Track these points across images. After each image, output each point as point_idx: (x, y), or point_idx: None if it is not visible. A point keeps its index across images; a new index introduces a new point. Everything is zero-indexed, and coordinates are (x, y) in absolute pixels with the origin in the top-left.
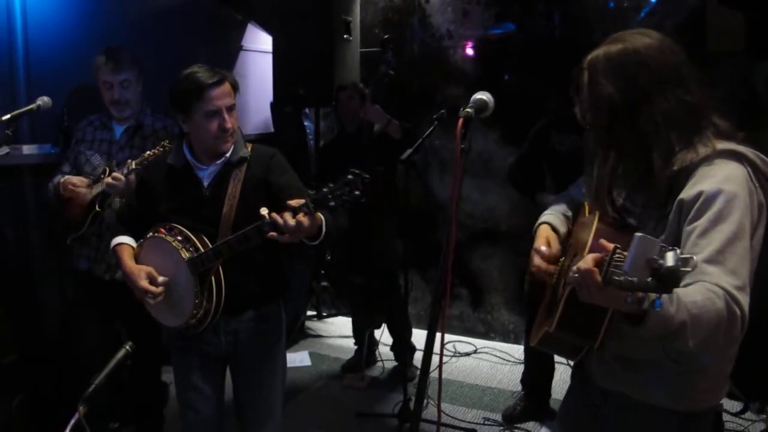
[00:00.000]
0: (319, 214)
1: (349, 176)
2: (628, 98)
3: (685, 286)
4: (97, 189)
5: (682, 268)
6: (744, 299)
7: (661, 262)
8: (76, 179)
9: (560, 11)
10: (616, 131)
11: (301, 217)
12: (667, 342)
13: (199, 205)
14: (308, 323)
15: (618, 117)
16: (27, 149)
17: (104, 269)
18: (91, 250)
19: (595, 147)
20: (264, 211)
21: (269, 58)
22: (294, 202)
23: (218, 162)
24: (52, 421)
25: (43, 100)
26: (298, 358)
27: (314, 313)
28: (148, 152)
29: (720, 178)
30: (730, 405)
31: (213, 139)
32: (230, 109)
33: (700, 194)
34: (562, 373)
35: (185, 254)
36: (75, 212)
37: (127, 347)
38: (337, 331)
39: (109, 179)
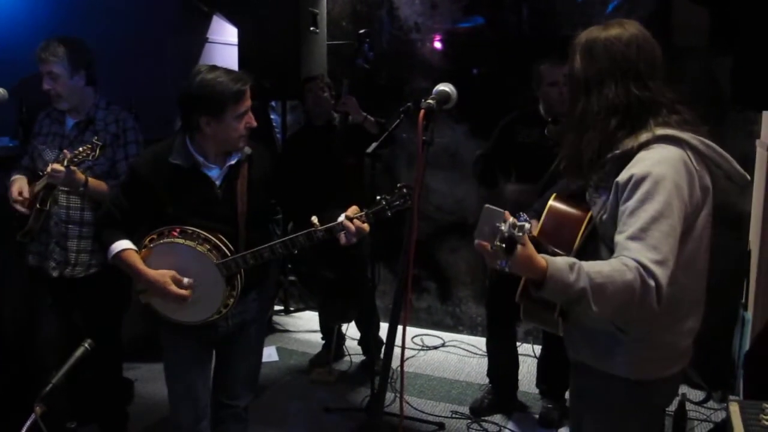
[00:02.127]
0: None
1: (404, 189)
2: (588, 77)
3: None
4: (42, 184)
5: (516, 233)
6: (662, 273)
7: (501, 228)
8: (16, 190)
9: (528, 5)
10: (573, 107)
11: (360, 224)
12: (572, 305)
13: (213, 204)
14: (276, 318)
15: (578, 93)
16: None
17: (52, 266)
18: (40, 245)
19: (567, 122)
20: (315, 219)
21: (235, 51)
22: (351, 212)
23: (231, 162)
24: (9, 421)
25: (0, 92)
26: (266, 353)
27: (282, 307)
28: (80, 149)
29: (651, 161)
30: (694, 394)
31: (239, 139)
32: (250, 107)
33: (631, 177)
34: (529, 366)
35: (212, 257)
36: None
37: (86, 345)
38: (305, 325)
39: (50, 168)
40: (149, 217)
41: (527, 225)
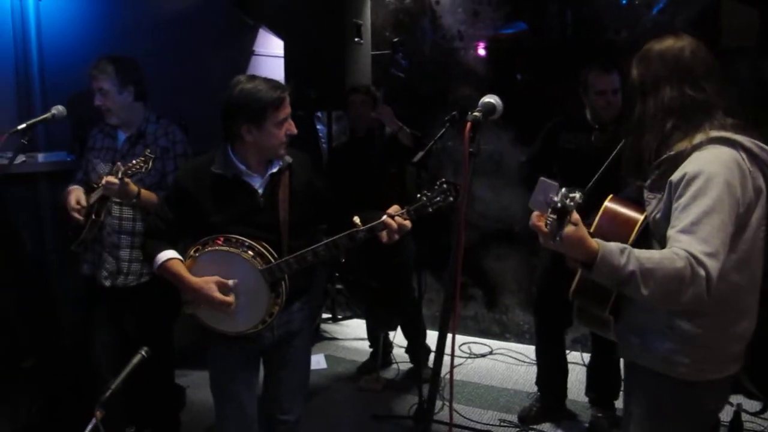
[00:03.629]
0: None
1: (444, 185)
2: (644, 82)
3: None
4: (96, 195)
5: (567, 202)
6: (712, 264)
7: (553, 198)
8: (74, 199)
9: (572, 10)
10: (632, 111)
11: (402, 221)
12: (622, 289)
13: (255, 213)
14: (323, 326)
15: (636, 97)
16: (42, 157)
17: (105, 276)
18: (94, 255)
19: (626, 126)
20: (357, 219)
21: (281, 63)
22: (393, 210)
23: (272, 170)
24: (70, 425)
25: (58, 109)
26: (314, 361)
27: (329, 315)
28: (133, 161)
29: (704, 160)
30: (750, 405)
31: (279, 145)
32: (290, 114)
33: (684, 175)
34: (578, 374)
35: (256, 263)
36: (73, 219)
37: (143, 353)
38: (353, 333)
39: (104, 180)
40: (194, 228)
41: (578, 195)
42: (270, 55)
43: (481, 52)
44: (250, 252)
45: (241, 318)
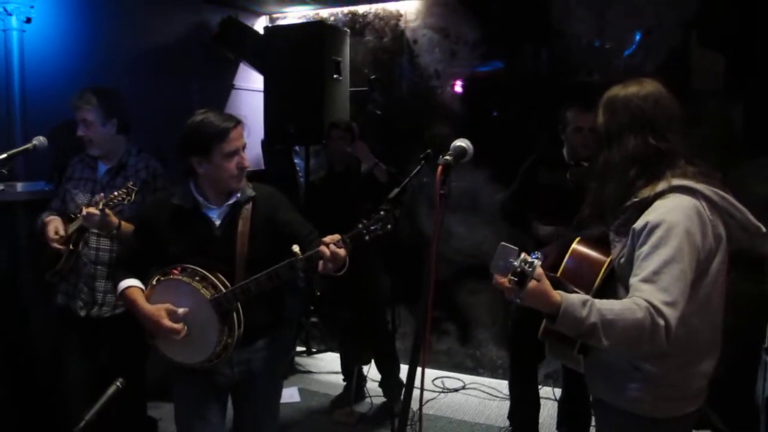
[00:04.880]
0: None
1: (381, 212)
2: (609, 131)
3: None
4: (74, 226)
5: (527, 267)
6: (671, 313)
7: (513, 263)
8: (53, 229)
9: (546, 51)
10: (597, 158)
11: (336, 249)
12: (585, 339)
13: (211, 244)
14: (298, 359)
15: (601, 145)
16: (21, 186)
17: (80, 306)
18: (69, 286)
19: (590, 172)
20: (296, 248)
21: (260, 97)
22: (329, 239)
23: (229, 202)
24: None
25: (39, 140)
26: (287, 394)
27: (303, 348)
28: (114, 193)
29: (666, 209)
30: None
31: (230, 179)
32: (244, 148)
33: (646, 224)
34: (549, 409)
35: (206, 293)
36: (52, 249)
37: (118, 383)
38: (327, 366)
39: (85, 211)
40: (156, 258)
41: (537, 261)
42: (250, 89)
43: (458, 90)
44: (203, 282)
45: (194, 349)
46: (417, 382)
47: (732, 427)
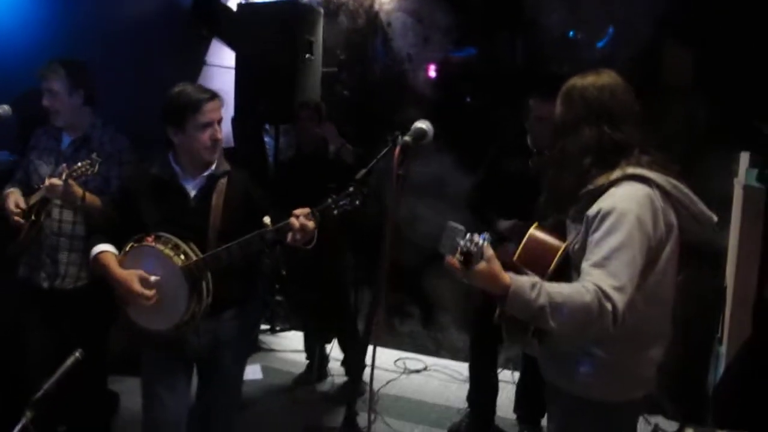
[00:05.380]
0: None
1: (350, 188)
2: (566, 121)
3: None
4: (37, 197)
5: (471, 246)
6: (619, 297)
7: (459, 242)
8: (13, 202)
9: (520, 40)
10: (554, 147)
11: (305, 221)
12: (534, 322)
13: (185, 214)
14: (261, 337)
15: (558, 134)
16: None
17: (43, 278)
18: (31, 257)
19: (548, 160)
20: (267, 219)
21: (232, 74)
22: (299, 211)
23: (205, 174)
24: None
25: (3, 108)
26: (250, 371)
27: (267, 327)
28: (78, 164)
29: (618, 197)
30: (668, 425)
31: (204, 150)
32: (219, 122)
33: (599, 211)
34: (508, 392)
35: (178, 260)
36: (13, 222)
37: (77, 354)
38: (290, 345)
39: (48, 182)
40: (133, 226)
41: (482, 241)
42: (222, 66)
43: (430, 74)
44: (176, 250)
45: (162, 315)
46: (370, 361)
47: (683, 415)
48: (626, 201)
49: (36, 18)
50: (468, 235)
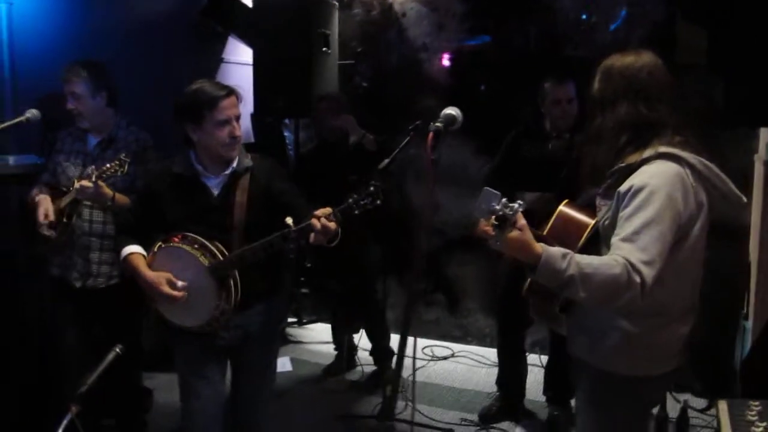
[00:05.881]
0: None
1: (371, 188)
2: (604, 97)
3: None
4: (67, 199)
5: (507, 211)
6: (648, 271)
7: (495, 206)
8: (42, 214)
9: (533, 25)
10: (591, 122)
11: (327, 222)
12: (563, 291)
13: (209, 212)
14: (289, 329)
15: (595, 110)
16: (13, 160)
17: (76, 277)
18: (64, 257)
19: (585, 136)
20: (289, 220)
21: (249, 70)
22: (320, 212)
23: (226, 171)
24: (41, 422)
25: (32, 113)
26: (280, 363)
27: (295, 319)
28: (107, 165)
29: (650, 174)
30: (696, 402)
31: (222, 147)
32: (237, 118)
33: (631, 187)
34: (536, 375)
35: (204, 261)
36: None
37: (117, 350)
38: (317, 337)
39: (78, 184)
40: (158, 225)
41: (517, 205)
42: (239, 63)
43: (445, 63)
44: (202, 250)
45: (193, 312)
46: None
47: (712, 391)
48: (658, 178)
49: (54, 21)
50: (504, 200)
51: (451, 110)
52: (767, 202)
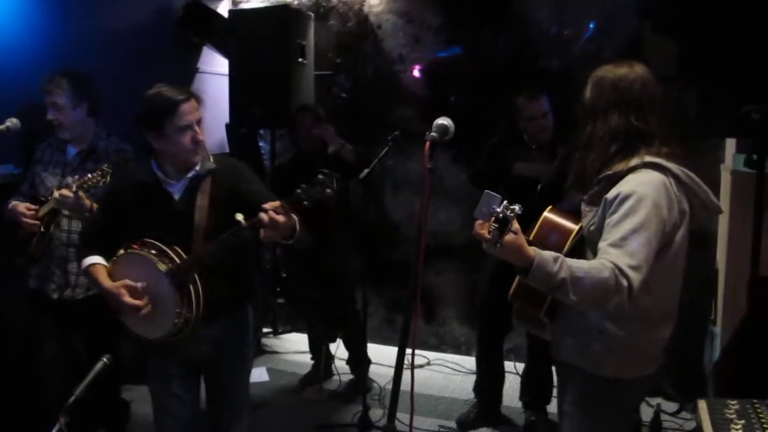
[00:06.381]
0: (294, 215)
1: (320, 176)
2: (595, 106)
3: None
4: (46, 208)
5: (508, 213)
6: (635, 276)
7: (496, 209)
8: (24, 207)
9: (505, 37)
10: (582, 130)
11: (275, 215)
12: (554, 294)
13: (171, 218)
14: (264, 340)
15: (585, 119)
16: None
17: (53, 288)
18: (41, 268)
19: (575, 142)
20: (239, 216)
21: (225, 80)
22: (269, 205)
23: (188, 176)
24: None
25: (12, 122)
26: (256, 374)
27: (270, 329)
28: (89, 175)
29: (637, 182)
30: (668, 406)
31: (186, 153)
32: (199, 122)
33: (618, 194)
34: (511, 381)
35: (162, 266)
36: (28, 226)
37: (105, 359)
38: (293, 347)
39: (57, 193)
40: (121, 233)
41: (518, 207)
42: (215, 73)
43: (422, 74)
44: (160, 256)
45: (155, 323)
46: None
47: (683, 395)
48: (644, 186)
49: (31, 30)
50: (505, 203)
51: (444, 120)
52: (735, 211)
